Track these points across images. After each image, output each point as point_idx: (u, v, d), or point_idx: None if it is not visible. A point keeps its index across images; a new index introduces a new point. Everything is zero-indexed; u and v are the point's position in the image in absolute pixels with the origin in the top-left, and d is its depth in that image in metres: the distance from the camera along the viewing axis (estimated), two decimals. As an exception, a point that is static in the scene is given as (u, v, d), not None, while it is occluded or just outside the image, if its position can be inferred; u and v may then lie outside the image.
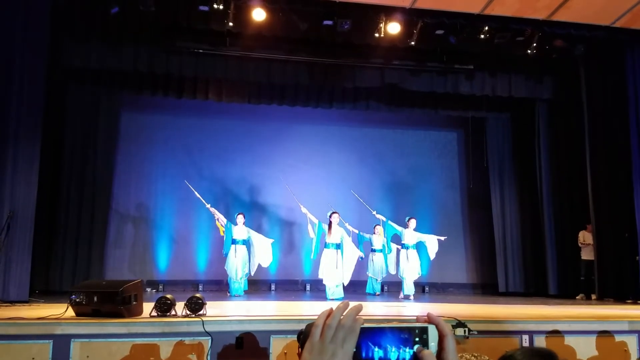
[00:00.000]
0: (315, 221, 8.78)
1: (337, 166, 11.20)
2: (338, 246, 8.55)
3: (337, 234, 8.57)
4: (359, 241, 9.25)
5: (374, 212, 9.54)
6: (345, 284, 8.67)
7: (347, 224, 9.10)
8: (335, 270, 8.41)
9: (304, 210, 9.00)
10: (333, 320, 0.96)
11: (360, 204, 9.91)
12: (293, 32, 8.45)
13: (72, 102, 9.50)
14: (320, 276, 8.54)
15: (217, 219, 9.13)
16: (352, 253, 8.74)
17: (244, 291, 9.09)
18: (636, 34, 8.56)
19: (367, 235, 9.49)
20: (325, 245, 8.58)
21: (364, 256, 9.16)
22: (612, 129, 9.08)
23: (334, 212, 8.61)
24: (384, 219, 9.45)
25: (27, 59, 7.33)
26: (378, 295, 9.46)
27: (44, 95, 7.52)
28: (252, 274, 9.19)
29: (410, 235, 9.22)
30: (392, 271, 9.45)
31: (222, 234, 9.08)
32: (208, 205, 9.16)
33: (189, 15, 8.23)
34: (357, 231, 9.28)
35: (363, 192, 11.06)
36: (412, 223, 9.28)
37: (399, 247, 9.39)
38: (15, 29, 7.30)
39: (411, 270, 9.06)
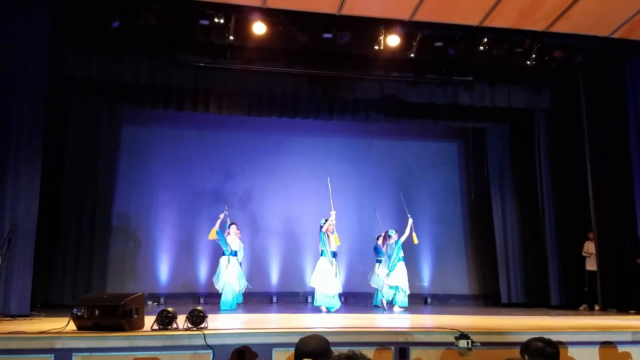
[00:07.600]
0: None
1: (338, 177, 11.15)
2: (334, 254, 8.39)
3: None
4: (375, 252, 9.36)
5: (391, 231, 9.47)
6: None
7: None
8: (334, 279, 8.21)
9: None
10: None
11: (361, 214, 9.85)
12: (293, 44, 8.51)
13: (73, 115, 9.54)
14: (312, 284, 8.27)
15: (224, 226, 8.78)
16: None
17: (238, 304, 8.70)
18: (634, 44, 8.61)
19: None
20: (322, 254, 8.36)
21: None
22: (612, 138, 9.10)
23: (327, 220, 8.42)
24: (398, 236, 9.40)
25: (29, 70, 7.34)
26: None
27: (45, 107, 7.52)
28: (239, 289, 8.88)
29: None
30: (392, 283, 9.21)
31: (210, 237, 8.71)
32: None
33: (190, 29, 8.28)
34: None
35: (363, 203, 11.06)
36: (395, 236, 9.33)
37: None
38: (16, 41, 7.32)
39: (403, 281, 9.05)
